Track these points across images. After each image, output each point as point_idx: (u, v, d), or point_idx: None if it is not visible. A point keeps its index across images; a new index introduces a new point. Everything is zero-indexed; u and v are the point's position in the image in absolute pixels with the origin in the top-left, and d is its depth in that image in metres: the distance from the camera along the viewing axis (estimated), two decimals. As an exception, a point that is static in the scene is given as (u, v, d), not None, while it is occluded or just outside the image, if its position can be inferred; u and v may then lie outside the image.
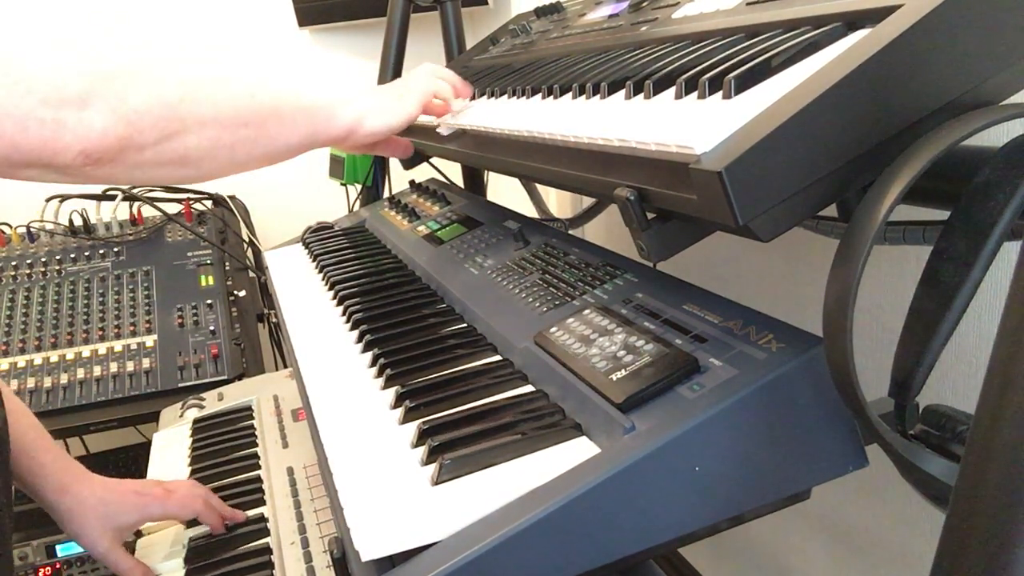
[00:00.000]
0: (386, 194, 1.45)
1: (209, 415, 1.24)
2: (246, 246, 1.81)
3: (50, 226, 1.71)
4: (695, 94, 0.54)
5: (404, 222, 1.11)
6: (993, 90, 0.44)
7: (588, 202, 1.26)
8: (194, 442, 1.14)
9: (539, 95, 0.77)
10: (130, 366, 1.46)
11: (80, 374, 1.44)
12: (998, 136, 0.46)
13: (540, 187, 1.39)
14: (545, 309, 0.67)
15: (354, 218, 1.29)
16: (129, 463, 1.71)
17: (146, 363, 1.47)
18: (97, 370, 1.45)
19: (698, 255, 0.65)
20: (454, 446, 0.52)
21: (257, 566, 0.86)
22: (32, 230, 1.71)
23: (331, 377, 0.70)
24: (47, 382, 1.43)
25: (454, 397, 0.60)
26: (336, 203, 1.61)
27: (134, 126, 0.60)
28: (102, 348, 1.50)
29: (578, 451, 0.50)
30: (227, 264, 1.70)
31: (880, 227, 0.40)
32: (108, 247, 1.68)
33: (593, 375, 0.53)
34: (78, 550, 1.51)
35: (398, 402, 0.61)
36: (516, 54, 1.05)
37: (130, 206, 1.74)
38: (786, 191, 0.44)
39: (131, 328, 1.54)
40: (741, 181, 0.42)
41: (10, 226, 1.71)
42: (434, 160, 1.31)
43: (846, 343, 0.41)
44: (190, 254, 1.69)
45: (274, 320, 1.72)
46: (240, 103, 0.68)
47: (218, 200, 1.85)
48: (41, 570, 1.50)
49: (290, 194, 1.94)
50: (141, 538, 0.95)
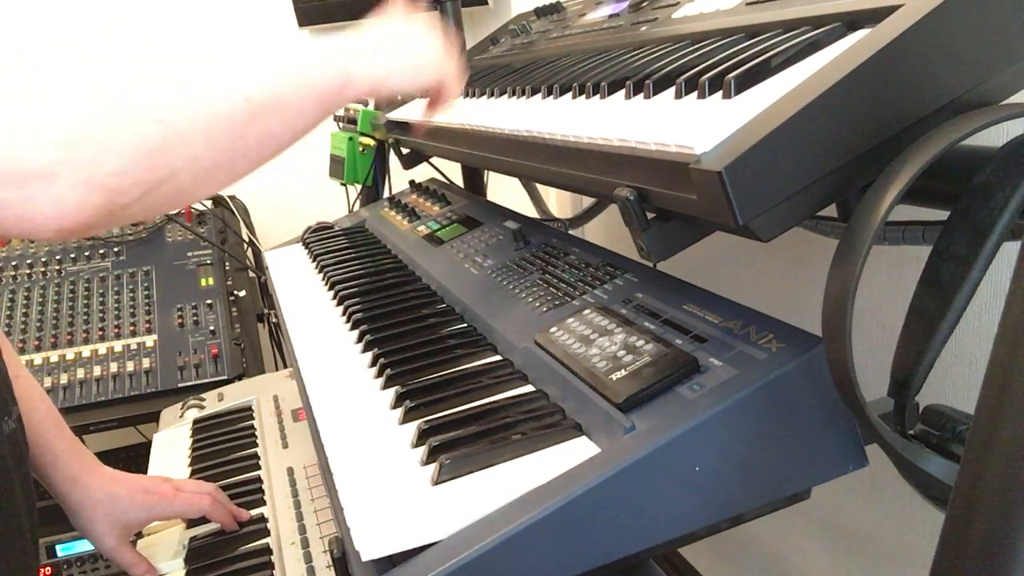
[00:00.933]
0: (386, 194, 1.45)
1: (209, 415, 1.24)
2: (246, 246, 1.81)
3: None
4: (695, 94, 0.55)
5: (404, 222, 1.11)
6: (993, 90, 0.44)
7: (588, 202, 1.26)
8: (194, 442, 1.14)
9: (539, 95, 0.77)
10: (130, 366, 1.46)
11: (80, 374, 1.44)
12: (998, 136, 0.46)
13: (540, 187, 1.39)
14: (545, 309, 0.67)
15: (354, 218, 1.29)
16: (129, 463, 1.70)
17: (146, 363, 1.47)
18: (97, 370, 1.45)
19: (698, 255, 0.65)
20: (454, 446, 0.52)
21: (257, 566, 0.86)
22: (32, 230, 1.71)
23: (331, 377, 0.70)
24: (47, 382, 1.43)
25: (454, 397, 0.60)
26: (336, 203, 1.61)
27: (113, 191, 0.53)
28: (102, 348, 1.49)
29: (578, 451, 0.50)
30: (227, 264, 1.70)
31: (880, 227, 0.40)
32: (108, 247, 1.68)
33: (593, 375, 0.53)
34: (78, 550, 1.51)
35: (398, 402, 0.61)
36: (516, 54, 1.05)
37: (130, 206, 1.74)
38: (786, 191, 0.44)
39: (131, 328, 1.54)
40: (741, 181, 0.42)
41: (10, 226, 1.71)
42: (434, 160, 1.31)
43: (846, 343, 0.41)
44: (190, 254, 1.69)
45: (274, 320, 1.72)
46: (235, 116, 0.59)
47: (218, 200, 1.85)
48: (41, 570, 1.50)
49: (290, 194, 1.94)
50: (142, 539, 0.95)
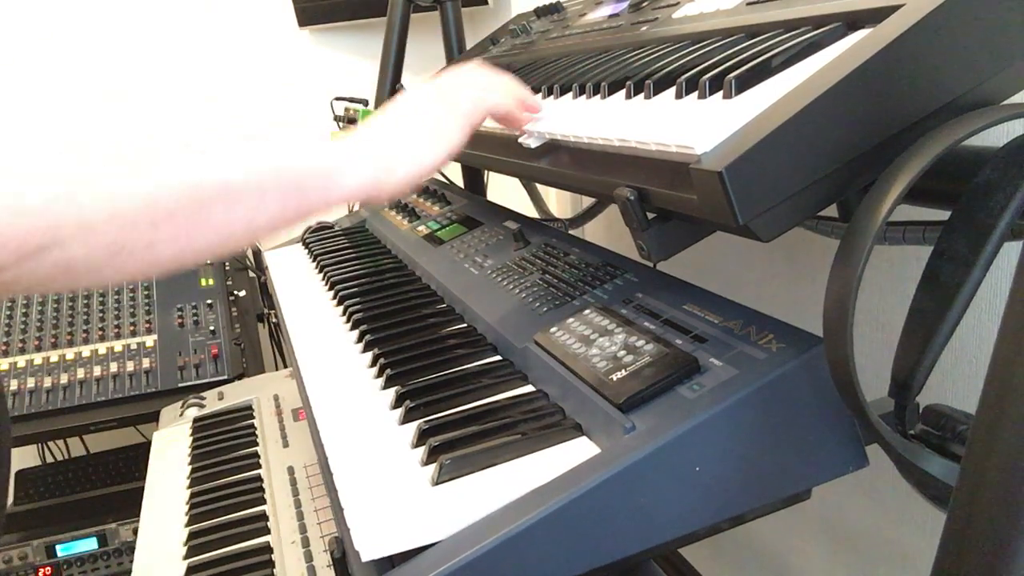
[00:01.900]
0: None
1: (209, 414, 1.24)
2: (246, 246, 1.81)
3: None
4: (695, 94, 0.55)
5: (404, 222, 1.11)
6: (993, 90, 0.44)
7: (588, 202, 1.26)
8: (194, 441, 1.15)
9: (539, 95, 0.77)
10: (130, 366, 1.46)
11: (80, 374, 1.44)
12: (998, 136, 0.46)
13: (540, 187, 1.39)
14: (545, 309, 0.67)
15: (354, 218, 1.29)
16: (129, 463, 1.71)
17: (146, 363, 1.47)
18: (97, 370, 1.45)
19: (698, 255, 0.65)
20: (454, 446, 0.52)
21: (257, 565, 0.86)
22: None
23: (331, 377, 0.70)
24: (47, 382, 1.43)
25: (454, 397, 0.60)
26: (336, 203, 1.61)
27: None
28: (102, 348, 1.49)
29: (578, 451, 0.50)
30: (227, 264, 1.70)
31: (880, 227, 0.40)
32: (108, 247, 1.68)
33: (593, 375, 0.53)
34: (78, 550, 1.51)
35: (398, 402, 0.61)
36: (516, 54, 1.05)
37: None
38: (786, 191, 0.44)
39: (131, 328, 1.54)
40: (741, 181, 0.42)
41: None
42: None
43: (846, 343, 0.41)
44: (190, 254, 1.69)
45: (274, 320, 1.72)
46: (158, 192, 0.52)
47: (218, 200, 1.85)
48: (41, 570, 1.50)
49: (290, 194, 1.94)
50: (140, 535, 0.95)
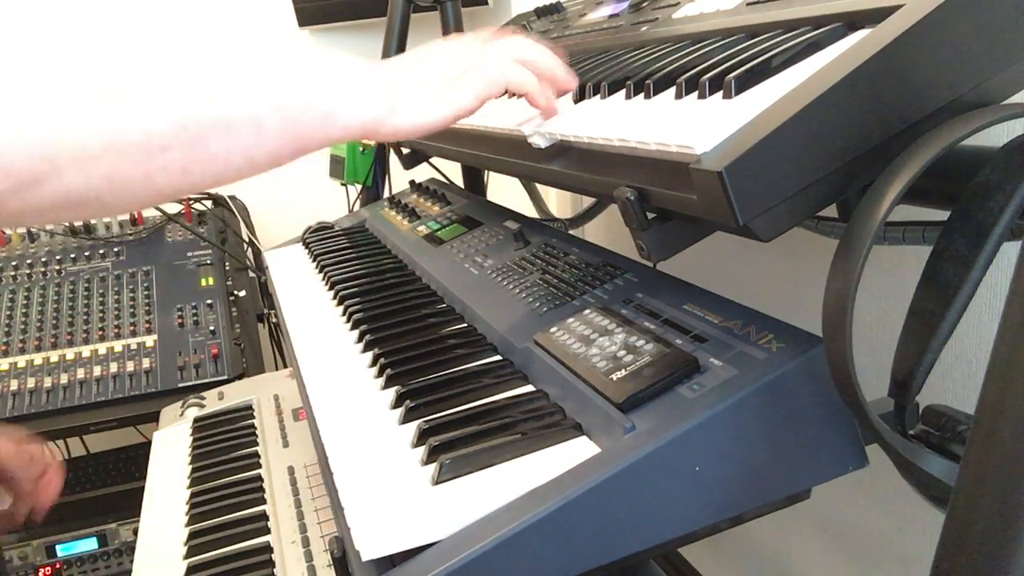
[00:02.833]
0: (386, 194, 1.45)
1: (209, 414, 1.24)
2: (246, 246, 1.81)
3: (50, 226, 1.71)
4: (695, 94, 0.55)
5: (404, 222, 1.11)
6: (993, 90, 0.44)
7: (588, 202, 1.26)
8: (194, 441, 1.15)
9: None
10: (130, 366, 1.46)
11: (80, 374, 1.44)
12: (998, 136, 0.46)
13: (540, 187, 1.39)
14: (545, 309, 0.67)
15: (354, 218, 1.29)
16: (129, 463, 1.71)
17: (146, 363, 1.47)
18: (97, 370, 1.45)
19: (698, 255, 0.65)
20: (454, 446, 0.52)
21: (257, 565, 0.86)
22: (32, 230, 1.71)
23: (331, 377, 0.70)
24: (47, 382, 1.43)
25: (454, 397, 0.60)
26: (336, 203, 1.61)
27: None
28: (102, 348, 1.50)
29: (578, 451, 0.50)
30: (227, 264, 1.70)
31: (880, 227, 0.40)
32: (108, 247, 1.68)
33: (593, 375, 0.53)
34: (78, 550, 1.51)
35: (398, 402, 0.61)
36: (516, 54, 1.05)
37: (130, 206, 1.74)
38: (786, 191, 0.44)
39: (131, 328, 1.54)
40: (741, 181, 0.42)
41: (10, 226, 1.72)
42: (434, 160, 1.31)
43: (846, 343, 0.41)
44: (190, 254, 1.69)
45: (274, 320, 1.72)
46: (153, 123, 0.52)
47: (218, 200, 1.85)
48: (41, 570, 1.50)
49: (290, 194, 1.94)
50: (140, 535, 0.95)
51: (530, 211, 1.30)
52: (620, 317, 0.60)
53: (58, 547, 1.50)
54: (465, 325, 0.74)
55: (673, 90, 0.57)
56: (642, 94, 0.61)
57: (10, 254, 1.66)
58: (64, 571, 1.50)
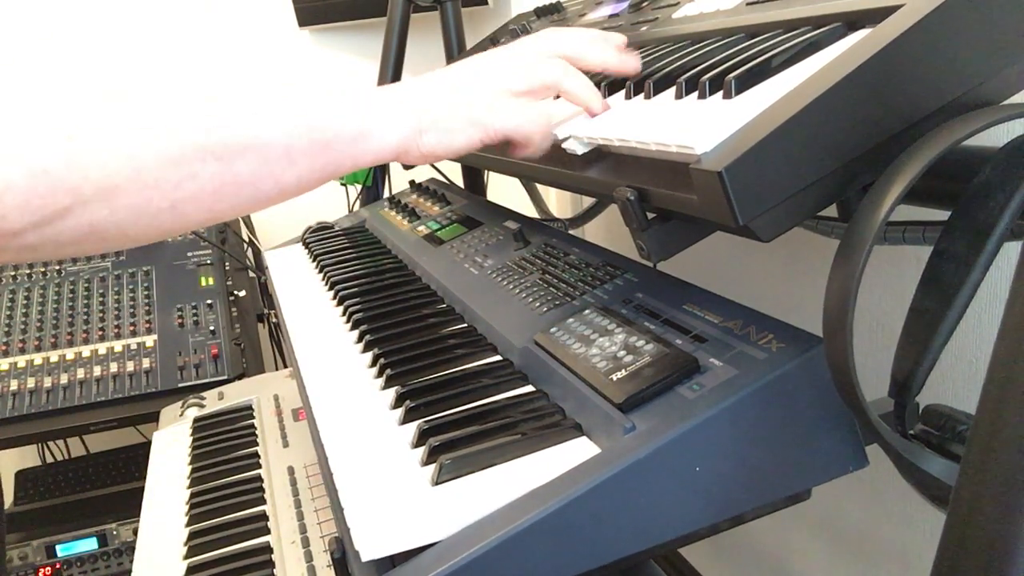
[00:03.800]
0: (386, 194, 1.45)
1: (209, 414, 1.24)
2: (246, 246, 1.81)
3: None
4: (695, 94, 0.55)
5: (404, 222, 1.11)
6: (993, 90, 0.44)
7: (588, 202, 1.26)
8: (194, 441, 1.15)
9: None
10: (130, 366, 1.46)
11: (80, 374, 1.44)
12: (998, 136, 0.46)
13: (540, 187, 1.39)
14: (545, 309, 0.67)
15: (354, 218, 1.29)
16: (129, 463, 1.71)
17: (146, 363, 1.47)
18: (97, 370, 1.45)
19: (698, 255, 0.65)
20: (454, 446, 0.52)
21: (257, 565, 0.86)
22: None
23: (331, 377, 0.70)
24: (47, 382, 1.43)
25: (454, 397, 0.60)
26: (336, 203, 1.61)
27: None
28: (102, 348, 1.49)
29: (578, 451, 0.50)
30: (227, 264, 1.70)
31: (880, 227, 0.40)
32: (108, 247, 1.68)
33: (593, 375, 0.53)
34: (78, 550, 1.51)
35: (398, 402, 0.61)
36: (516, 54, 1.05)
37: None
38: (786, 191, 0.44)
39: (131, 328, 1.54)
40: (741, 181, 0.42)
41: (10, 226, 1.71)
42: (434, 160, 1.31)
43: (846, 343, 0.41)
44: (190, 254, 1.69)
45: (274, 320, 1.72)
46: (181, 151, 0.50)
47: (218, 200, 1.85)
48: (41, 570, 1.50)
49: (290, 194, 1.94)
50: (140, 535, 0.95)
51: (530, 211, 1.30)
52: (620, 317, 0.60)
53: (58, 547, 1.50)
54: (465, 325, 0.74)
55: (673, 90, 0.57)
56: (642, 94, 0.61)
57: (10, 254, 1.66)
58: (64, 571, 1.50)
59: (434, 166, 1.36)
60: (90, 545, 1.51)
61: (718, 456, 0.46)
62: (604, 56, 0.63)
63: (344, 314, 0.84)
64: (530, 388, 0.60)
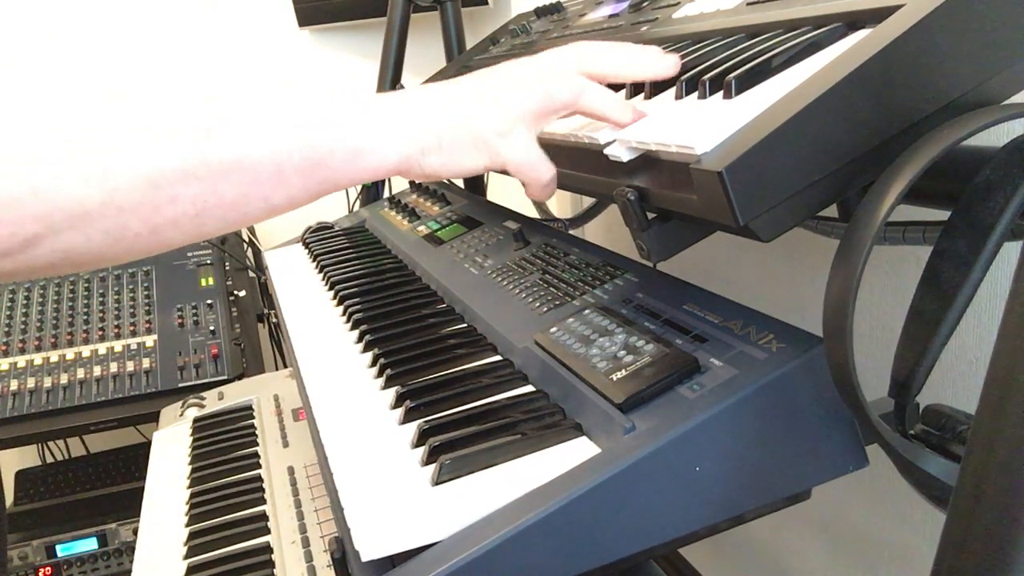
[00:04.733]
0: (386, 194, 1.45)
1: (209, 414, 1.24)
2: (246, 246, 1.81)
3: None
4: (695, 94, 0.54)
5: (404, 222, 1.11)
6: (993, 90, 0.44)
7: (588, 202, 1.26)
8: (194, 441, 1.15)
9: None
10: (130, 366, 1.46)
11: (80, 374, 1.44)
12: (998, 136, 0.46)
13: (540, 187, 1.38)
14: (545, 309, 0.67)
15: (354, 218, 1.29)
16: (129, 463, 1.71)
17: (146, 363, 1.47)
18: (97, 370, 1.45)
19: (698, 255, 0.65)
20: (454, 446, 0.52)
21: (257, 565, 0.86)
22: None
23: (331, 377, 0.70)
24: (47, 382, 1.43)
25: (454, 397, 0.60)
26: (336, 203, 1.60)
27: None
28: (102, 348, 1.50)
29: (578, 451, 0.50)
30: (227, 264, 1.70)
31: (880, 227, 0.40)
32: (108, 247, 1.68)
33: (593, 375, 0.53)
34: (78, 550, 1.51)
35: (398, 402, 0.61)
36: (516, 54, 1.04)
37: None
38: (787, 191, 0.44)
39: (131, 328, 1.54)
40: (742, 181, 0.42)
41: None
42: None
43: (846, 343, 0.41)
44: (190, 254, 1.69)
45: (274, 320, 1.72)
46: (159, 172, 0.47)
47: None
48: (41, 570, 1.50)
49: (290, 194, 1.94)
50: (140, 535, 0.95)
51: (530, 211, 1.30)
52: (620, 317, 0.60)
53: (58, 547, 1.50)
54: (465, 325, 0.74)
55: (673, 90, 0.57)
56: (642, 94, 0.61)
57: (10, 254, 1.66)
58: (64, 571, 1.50)
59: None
60: (90, 545, 1.51)
61: (718, 456, 0.46)
62: (631, 65, 0.58)
63: (344, 314, 0.84)
64: (530, 388, 0.60)
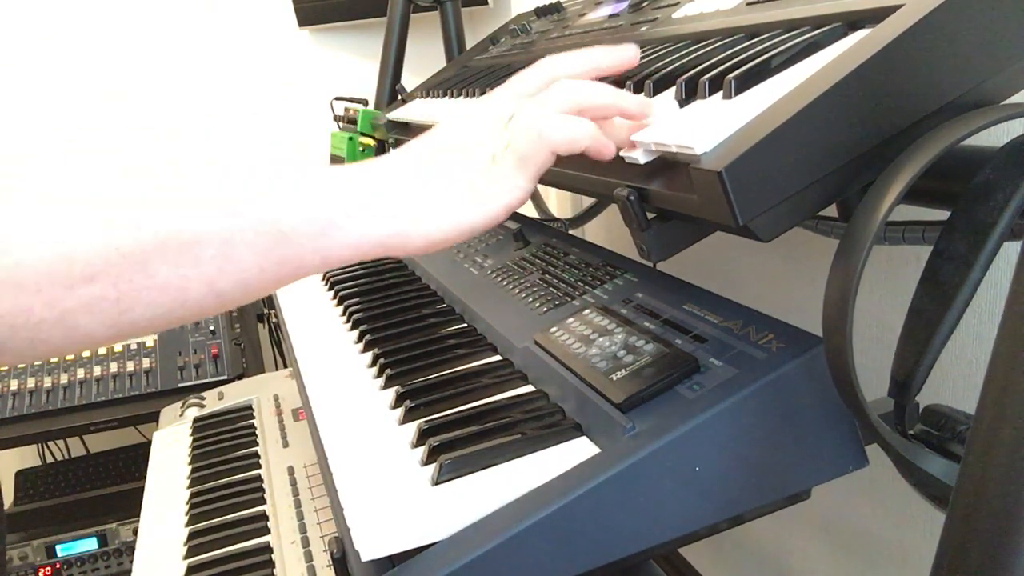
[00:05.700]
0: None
1: (209, 414, 1.24)
2: (246, 246, 1.80)
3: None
4: (695, 94, 0.54)
5: (404, 222, 1.11)
6: (993, 90, 0.44)
7: (588, 202, 1.26)
8: (194, 441, 1.15)
9: (539, 95, 0.76)
10: (130, 366, 1.46)
11: (80, 374, 1.44)
12: (998, 136, 0.46)
13: (540, 187, 1.39)
14: (545, 309, 0.67)
15: (354, 218, 1.29)
16: (129, 463, 1.71)
17: (146, 363, 1.47)
18: (97, 370, 1.45)
19: (698, 255, 0.65)
20: (454, 446, 0.52)
21: (257, 565, 0.86)
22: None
23: (331, 377, 0.70)
24: (47, 382, 1.43)
25: (454, 397, 0.60)
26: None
27: None
28: (102, 348, 1.50)
29: (578, 451, 0.50)
30: (227, 264, 1.70)
31: (880, 227, 0.40)
32: (108, 247, 1.68)
33: (593, 375, 0.53)
34: (78, 550, 1.51)
35: (398, 402, 0.61)
36: (516, 54, 1.05)
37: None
38: (786, 191, 0.44)
39: (131, 328, 1.54)
40: (741, 181, 0.42)
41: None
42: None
43: (846, 343, 0.41)
44: (190, 254, 1.69)
45: (274, 320, 1.72)
46: (72, 246, 0.39)
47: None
48: (41, 570, 1.50)
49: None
50: (140, 535, 0.95)
51: (530, 211, 1.30)
52: (620, 317, 0.60)
53: (58, 547, 1.50)
54: (465, 325, 0.74)
55: (673, 90, 0.57)
56: (642, 94, 0.61)
57: (10, 254, 1.66)
58: (64, 571, 1.50)
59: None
60: (90, 545, 1.51)
61: (718, 456, 0.46)
62: (616, 101, 0.53)
63: (344, 314, 0.84)
64: (530, 388, 0.60)
